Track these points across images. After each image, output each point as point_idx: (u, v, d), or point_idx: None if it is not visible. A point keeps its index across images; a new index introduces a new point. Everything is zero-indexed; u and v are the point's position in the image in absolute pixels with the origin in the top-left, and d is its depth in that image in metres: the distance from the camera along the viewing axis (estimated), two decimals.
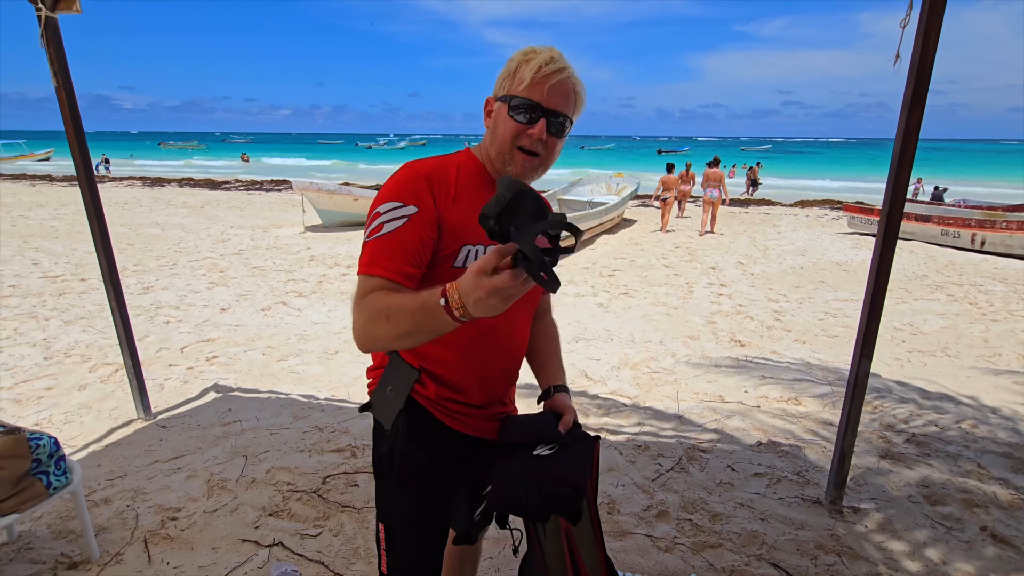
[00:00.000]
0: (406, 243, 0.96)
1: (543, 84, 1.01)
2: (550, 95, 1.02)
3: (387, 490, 1.18)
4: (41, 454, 1.78)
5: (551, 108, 1.02)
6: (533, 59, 1.02)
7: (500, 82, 1.07)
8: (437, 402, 1.14)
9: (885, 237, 2.00)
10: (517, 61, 1.04)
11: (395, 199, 0.98)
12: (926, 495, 2.52)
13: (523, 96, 1.02)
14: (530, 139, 1.03)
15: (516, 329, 1.19)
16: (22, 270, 6.79)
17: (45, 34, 2.47)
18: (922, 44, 1.74)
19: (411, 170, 1.03)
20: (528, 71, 1.01)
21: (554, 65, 1.02)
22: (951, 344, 4.77)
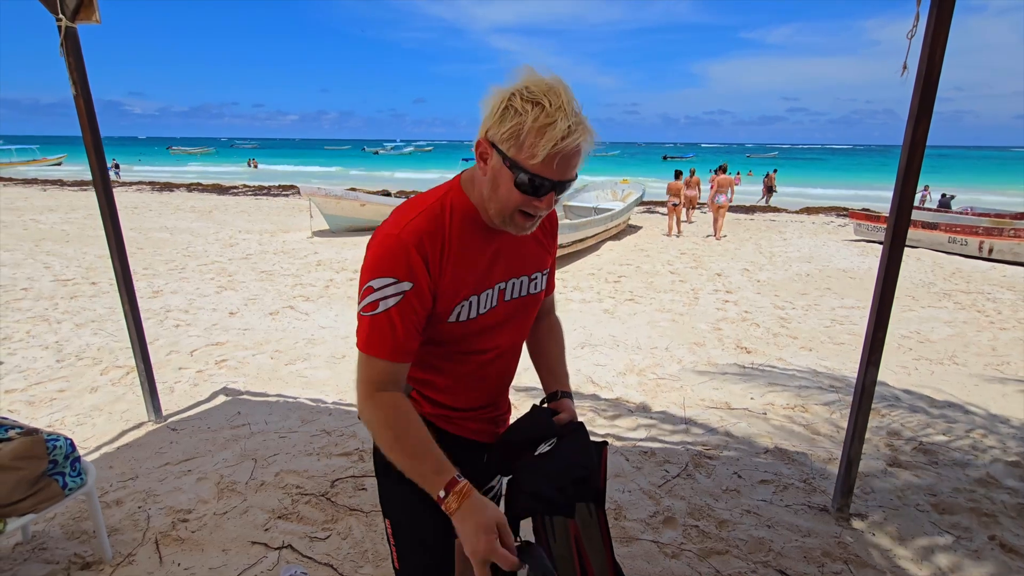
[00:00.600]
0: (403, 323, 0.98)
1: (557, 159, 0.92)
2: (564, 170, 0.94)
3: (389, 486, 1.21)
4: (58, 455, 1.81)
5: (561, 180, 0.95)
6: (547, 132, 0.90)
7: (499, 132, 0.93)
8: (431, 412, 1.17)
9: (892, 245, 2.01)
10: (527, 127, 0.90)
11: (388, 274, 0.96)
12: (934, 503, 2.51)
13: (534, 172, 0.93)
14: (535, 207, 0.98)
15: (514, 349, 1.21)
16: (34, 273, 6.87)
17: (65, 44, 2.53)
18: (928, 55, 1.76)
19: (401, 241, 0.97)
20: (542, 148, 0.90)
21: (572, 139, 0.91)
22: (959, 352, 4.75)
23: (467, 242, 1.03)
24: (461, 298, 1.04)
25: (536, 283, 1.19)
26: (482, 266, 1.06)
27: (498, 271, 1.10)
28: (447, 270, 1.01)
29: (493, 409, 1.26)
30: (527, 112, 0.90)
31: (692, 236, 11.46)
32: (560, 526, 1.25)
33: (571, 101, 0.92)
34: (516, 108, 0.91)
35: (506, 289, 1.12)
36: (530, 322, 1.24)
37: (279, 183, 22.52)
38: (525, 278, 1.16)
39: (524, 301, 1.17)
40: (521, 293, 1.16)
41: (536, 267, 1.18)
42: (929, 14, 1.75)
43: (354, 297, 6.45)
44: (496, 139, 0.94)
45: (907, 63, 1.71)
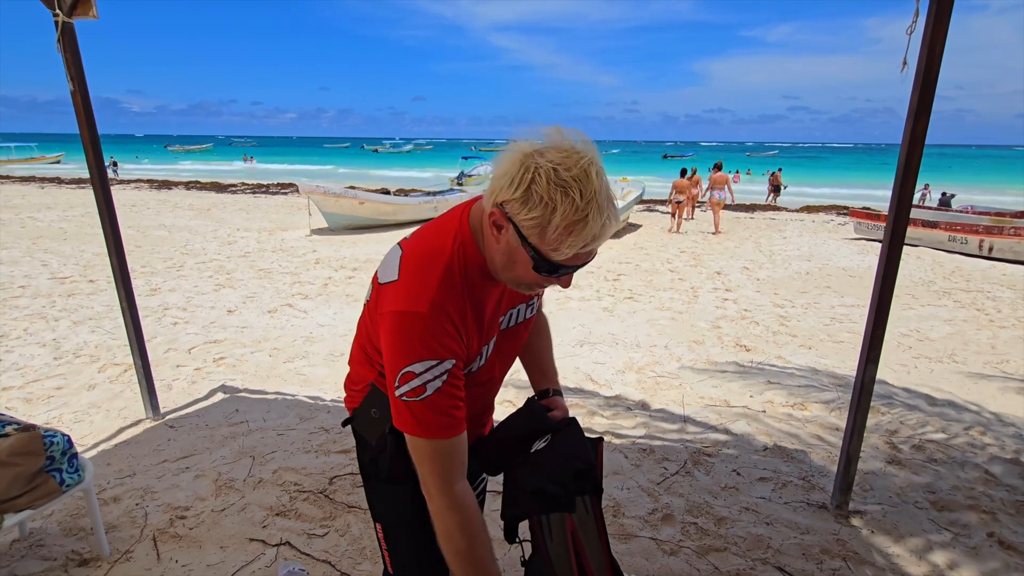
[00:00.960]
0: (452, 398, 0.95)
1: (583, 253, 0.88)
2: (587, 256, 0.90)
3: (378, 490, 1.19)
4: (55, 451, 1.80)
5: (584, 264, 0.92)
6: (576, 230, 0.83)
7: (519, 214, 0.85)
8: None
9: (891, 243, 2.01)
10: (556, 223, 0.83)
11: (429, 357, 0.91)
12: (932, 501, 2.51)
13: (558, 263, 0.88)
14: (552, 284, 0.96)
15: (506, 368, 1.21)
16: (32, 271, 6.86)
17: (62, 39, 2.52)
18: (928, 52, 1.76)
19: (434, 321, 0.91)
20: (569, 246, 0.85)
21: (601, 238, 0.86)
22: (958, 350, 4.75)
23: (480, 297, 1.00)
24: (476, 352, 1.02)
25: (532, 307, 1.18)
26: (493, 315, 1.05)
27: (501, 310, 1.09)
28: (470, 333, 0.98)
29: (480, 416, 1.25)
30: (555, 203, 0.81)
31: (692, 233, 11.45)
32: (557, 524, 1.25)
33: (603, 189, 0.83)
34: (542, 196, 0.82)
35: (502, 320, 1.11)
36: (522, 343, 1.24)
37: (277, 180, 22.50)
38: (523, 305, 1.15)
39: (519, 328, 1.17)
40: (517, 320, 1.15)
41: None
42: (928, 10, 1.74)
43: (353, 295, 6.42)
44: (515, 218, 0.86)
45: (907, 59, 1.71)
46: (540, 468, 1.10)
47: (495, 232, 0.91)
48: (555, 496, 1.06)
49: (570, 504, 1.07)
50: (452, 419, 0.96)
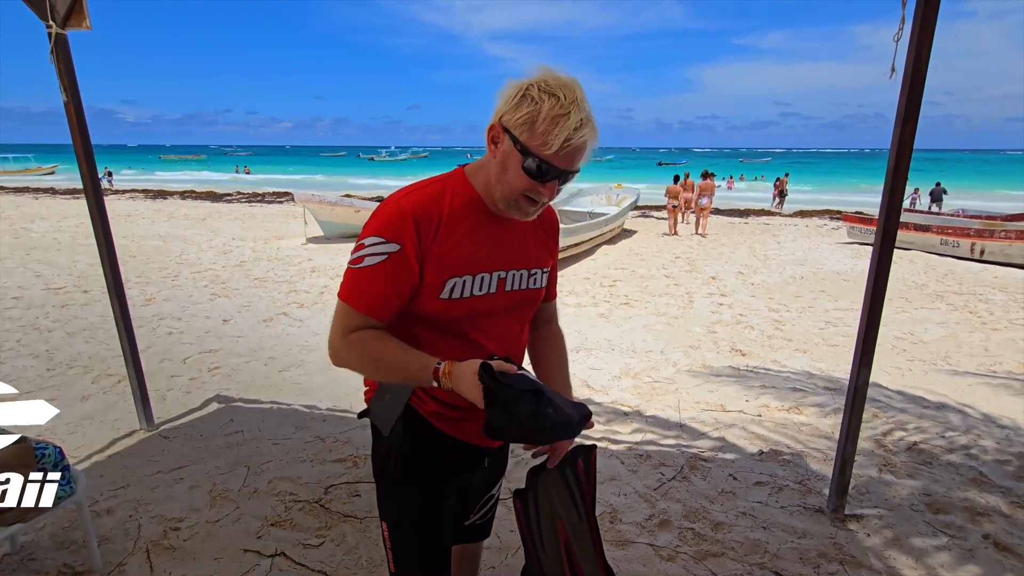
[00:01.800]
0: (383, 280, 1.02)
1: (566, 150, 0.97)
2: (571, 161, 1.00)
3: (387, 489, 1.21)
4: (46, 463, 1.79)
5: (567, 170, 1.01)
6: (561, 122, 0.95)
7: (513, 117, 0.98)
8: (432, 411, 1.17)
9: (882, 244, 2.03)
10: (543, 115, 0.95)
11: (380, 234, 1.01)
12: (928, 503, 2.51)
13: (544, 159, 0.97)
14: (539, 195, 1.03)
15: (513, 344, 1.21)
16: (25, 282, 6.82)
17: (55, 50, 2.52)
18: (914, 58, 1.78)
19: (399, 207, 1.03)
20: (556, 137, 0.95)
21: (582, 133, 0.96)
22: (952, 353, 4.78)
23: (464, 223, 1.06)
24: (452, 274, 1.05)
25: (536, 279, 1.19)
26: (480, 249, 1.08)
27: (498, 259, 1.11)
28: (438, 243, 1.03)
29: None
30: (543, 101, 0.95)
31: (687, 238, 11.51)
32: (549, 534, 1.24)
33: (584, 99, 0.98)
34: (533, 97, 0.96)
35: (507, 279, 1.13)
36: (527, 319, 1.24)
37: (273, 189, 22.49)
38: (525, 272, 1.17)
39: (523, 295, 1.17)
40: (521, 286, 1.16)
41: (536, 263, 1.19)
42: (914, 16, 1.77)
43: None
44: (510, 124, 0.99)
45: (895, 65, 1.73)
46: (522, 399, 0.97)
47: (492, 148, 1.03)
48: (568, 421, 1.00)
49: (576, 431, 1.03)
50: (371, 298, 1.03)
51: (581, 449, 1.27)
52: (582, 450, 1.27)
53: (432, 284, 1.05)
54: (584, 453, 1.27)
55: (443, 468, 1.19)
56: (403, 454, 1.17)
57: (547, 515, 1.25)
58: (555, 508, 1.25)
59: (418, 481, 1.17)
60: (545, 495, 1.25)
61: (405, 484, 1.18)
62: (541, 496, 1.25)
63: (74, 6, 2.49)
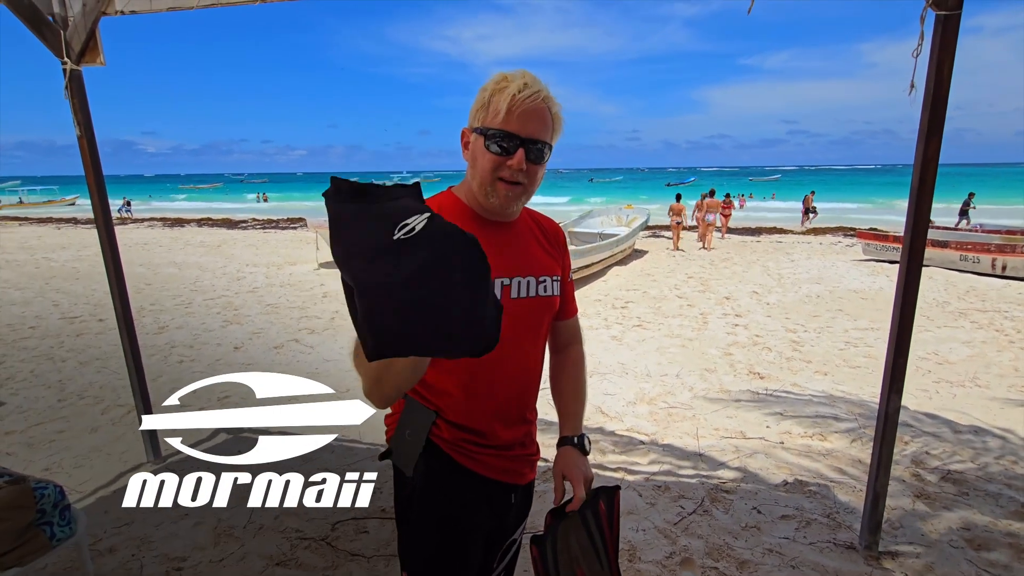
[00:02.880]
0: None
1: (518, 113, 0.99)
2: (527, 123, 1.00)
3: (409, 535, 1.15)
4: (46, 504, 1.74)
5: (529, 136, 1.00)
6: (506, 87, 0.99)
7: (474, 113, 1.04)
8: (455, 443, 1.11)
9: (909, 267, 1.94)
10: (490, 90, 1.01)
11: None
12: (968, 539, 2.36)
13: (499, 128, 1.00)
14: (510, 170, 1.02)
15: (526, 357, 1.15)
16: (42, 311, 6.90)
17: (70, 86, 2.56)
18: (936, 72, 1.73)
19: None
20: (503, 101, 0.99)
21: (528, 91, 0.99)
22: (980, 373, 4.60)
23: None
24: None
25: (546, 286, 1.15)
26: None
27: (500, 266, 1.07)
28: None
29: (519, 448, 1.18)
30: (489, 85, 1.02)
31: (699, 259, 11.40)
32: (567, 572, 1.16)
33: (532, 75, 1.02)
34: (483, 87, 1.04)
35: (511, 286, 1.09)
36: (541, 330, 1.18)
37: (287, 216, 22.82)
38: (532, 279, 1.12)
39: (533, 303, 1.13)
40: (529, 293, 1.12)
41: (544, 270, 1.15)
42: (934, 32, 1.72)
43: None
44: (470, 122, 1.06)
45: (914, 82, 1.68)
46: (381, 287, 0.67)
47: (465, 152, 1.08)
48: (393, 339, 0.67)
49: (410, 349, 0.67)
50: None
51: (603, 491, 1.19)
52: (604, 492, 1.19)
53: None
54: (607, 496, 1.19)
55: (469, 510, 1.13)
56: (426, 496, 1.11)
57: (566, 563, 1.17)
58: (574, 554, 1.17)
59: (443, 527, 1.11)
60: (564, 541, 1.17)
61: (429, 530, 1.11)
62: (560, 542, 1.17)
63: (88, 43, 2.54)
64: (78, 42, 2.53)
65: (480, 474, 1.12)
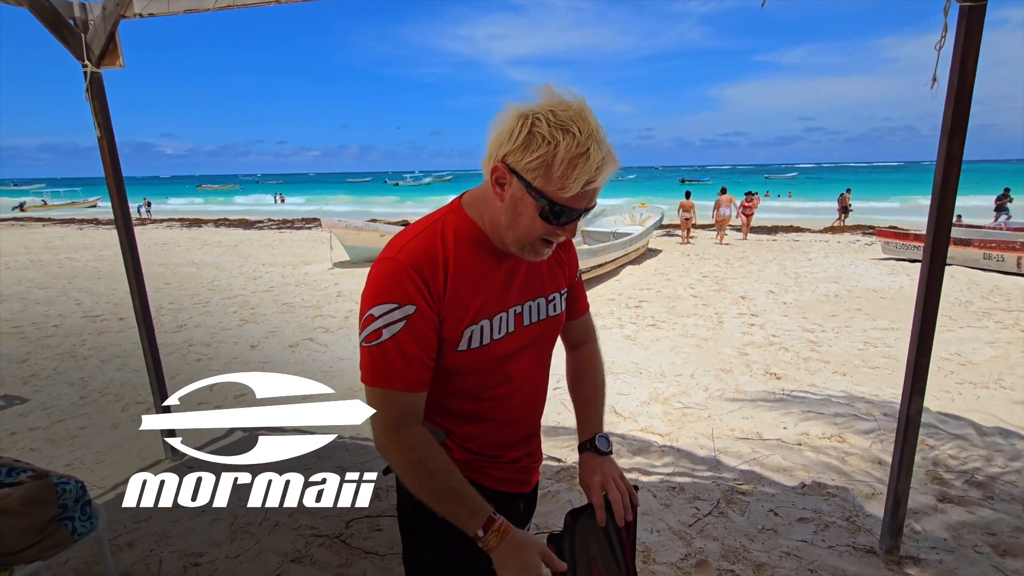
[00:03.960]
0: (412, 348, 0.92)
1: (588, 190, 0.88)
2: (591, 199, 0.91)
3: (416, 548, 1.13)
4: (67, 499, 1.77)
5: (587, 208, 0.92)
6: (581, 164, 0.84)
7: (523, 160, 0.87)
8: (461, 462, 1.08)
9: (931, 266, 1.90)
10: (560, 157, 0.85)
11: (389, 300, 0.90)
12: (993, 544, 2.30)
13: (563, 203, 0.88)
14: (556, 237, 0.94)
15: (536, 380, 1.13)
16: (65, 310, 7.06)
17: (90, 89, 2.61)
18: (960, 66, 1.68)
19: (398, 264, 0.91)
20: (576, 182, 0.85)
21: (603, 172, 0.87)
22: (1005, 375, 4.48)
23: (470, 263, 0.96)
24: (469, 322, 0.96)
25: (554, 305, 1.10)
26: (492, 288, 0.99)
27: (512, 294, 1.02)
28: (448, 292, 0.94)
29: (527, 459, 1.17)
30: (557, 141, 0.84)
31: (712, 256, 11.28)
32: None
33: (599, 127, 0.87)
34: (543, 136, 0.85)
35: (523, 314, 1.04)
36: (549, 351, 1.15)
37: (302, 216, 23.07)
38: (542, 300, 1.07)
39: (543, 326, 1.08)
40: (540, 316, 1.07)
41: (553, 287, 1.10)
42: (958, 25, 1.68)
43: None
44: (520, 168, 0.88)
45: (936, 75, 1.64)
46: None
47: (498, 190, 0.92)
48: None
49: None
50: (407, 369, 0.92)
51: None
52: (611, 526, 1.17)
53: (450, 339, 0.96)
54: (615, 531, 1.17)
55: None
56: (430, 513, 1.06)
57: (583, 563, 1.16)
58: (592, 555, 1.16)
59: (448, 541, 1.08)
60: (582, 541, 1.16)
61: (437, 542, 1.09)
62: (578, 542, 1.16)
63: (108, 46, 2.58)
64: (98, 45, 2.57)
65: (488, 487, 1.10)
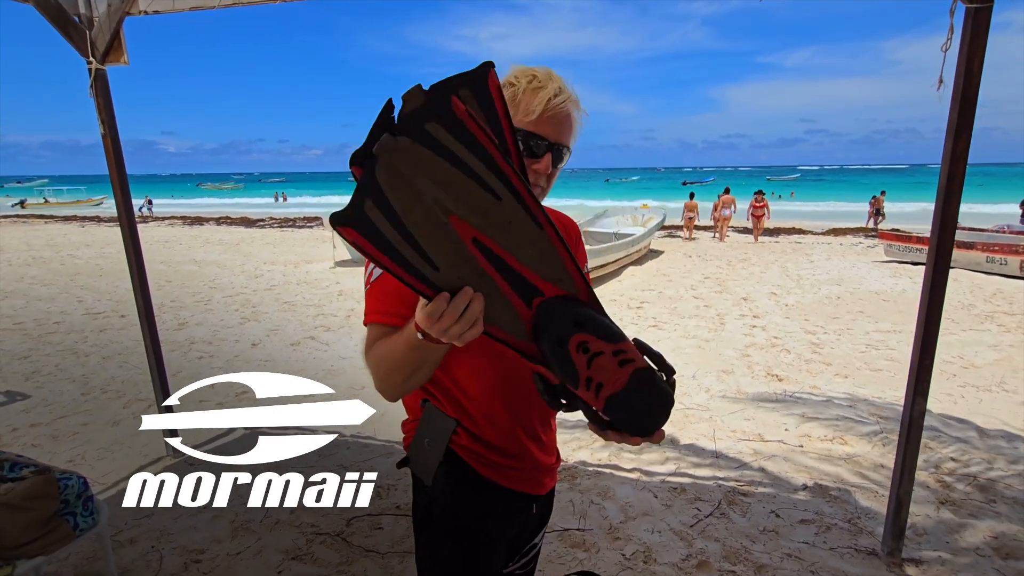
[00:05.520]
0: (390, 285, 0.99)
1: (551, 116, 0.97)
2: (559, 128, 0.99)
3: (428, 545, 1.12)
4: (69, 495, 1.77)
5: (557, 141, 0.99)
6: (540, 88, 0.97)
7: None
8: (475, 453, 1.08)
9: (936, 268, 1.89)
10: (522, 88, 0.98)
11: None
12: (996, 547, 2.30)
13: (530, 130, 0.97)
14: (535, 174, 1.00)
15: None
16: (67, 307, 7.07)
17: (95, 85, 2.61)
18: (965, 68, 1.68)
19: None
20: (537, 104, 0.96)
21: (562, 97, 0.98)
22: (1007, 378, 4.47)
23: None
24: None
25: None
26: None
27: None
28: None
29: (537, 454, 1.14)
30: (520, 81, 0.99)
31: (714, 259, 11.28)
32: (431, 237, 0.72)
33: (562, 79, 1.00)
34: (510, 82, 1.00)
35: None
36: None
37: (303, 214, 23.08)
38: None
39: None
40: None
41: None
42: (964, 26, 1.67)
43: None
44: None
45: (942, 77, 1.63)
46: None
47: None
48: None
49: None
50: (387, 305, 0.99)
51: (458, 81, 0.75)
52: (463, 81, 0.75)
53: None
54: (472, 82, 0.76)
55: (490, 521, 1.10)
56: (445, 506, 1.08)
57: (416, 213, 0.68)
58: (428, 197, 0.68)
59: (463, 538, 1.08)
60: (400, 181, 0.66)
61: (448, 540, 1.09)
62: (392, 189, 0.66)
63: (113, 43, 2.58)
64: (103, 42, 2.58)
65: (501, 485, 1.09)
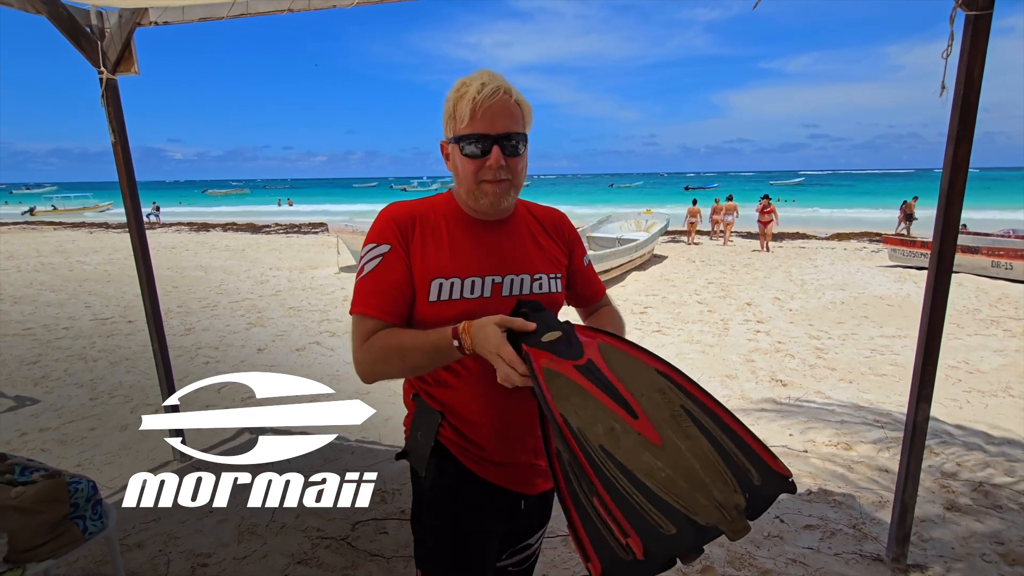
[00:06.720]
0: (384, 281, 1.04)
1: (482, 112, 1.00)
2: (494, 121, 1.01)
3: (423, 535, 1.17)
4: (79, 498, 1.79)
5: (499, 133, 1.01)
6: (465, 92, 1.01)
7: (445, 124, 1.07)
8: (459, 445, 1.12)
9: (938, 273, 1.90)
10: (453, 99, 1.03)
11: (372, 241, 1.07)
12: (1002, 553, 2.29)
13: (469, 133, 1.01)
14: (491, 170, 1.03)
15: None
16: (75, 313, 7.13)
17: (106, 95, 2.66)
18: (966, 74, 1.69)
19: (385, 213, 1.10)
20: (465, 106, 1.00)
21: (487, 89, 1.00)
22: (1013, 383, 4.45)
23: (441, 227, 1.09)
24: (435, 275, 1.05)
25: (541, 284, 1.13)
26: (469, 255, 1.08)
27: (491, 264, 1.09)
28: (415, 240, 1.07)
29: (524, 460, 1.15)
30: (451, 93, 1.04)
31: (717, 263, 11.26)
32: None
33: (491, 73, 1.03)
34: (446, 98, 1.06)
35: (503, 284, 1.09)
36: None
37: (309, 220, 23.20)
38: (526, 276, 1.12)
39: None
40: (523, 291, 1.11)
41: (539, 268, 1.14)
42: (964, 33, 1.69)
43: None
44: (445, 135, 1.08)
45: (944, 83, 1.65)
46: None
47: (449, 164, 1.10)
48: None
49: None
50: (379, 297, 1.04)
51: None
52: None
53: (420, 287, 1.05)
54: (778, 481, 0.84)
55: (478, 513, 1.13)
56: (436, 497, 1.13)
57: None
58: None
59: (453, 528, 1.12)
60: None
61: (439, 530, 1.13)
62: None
63: (124, 53, 2.63)
64: (114, 52, 2.62)
65: (485, 480, 1.12)
